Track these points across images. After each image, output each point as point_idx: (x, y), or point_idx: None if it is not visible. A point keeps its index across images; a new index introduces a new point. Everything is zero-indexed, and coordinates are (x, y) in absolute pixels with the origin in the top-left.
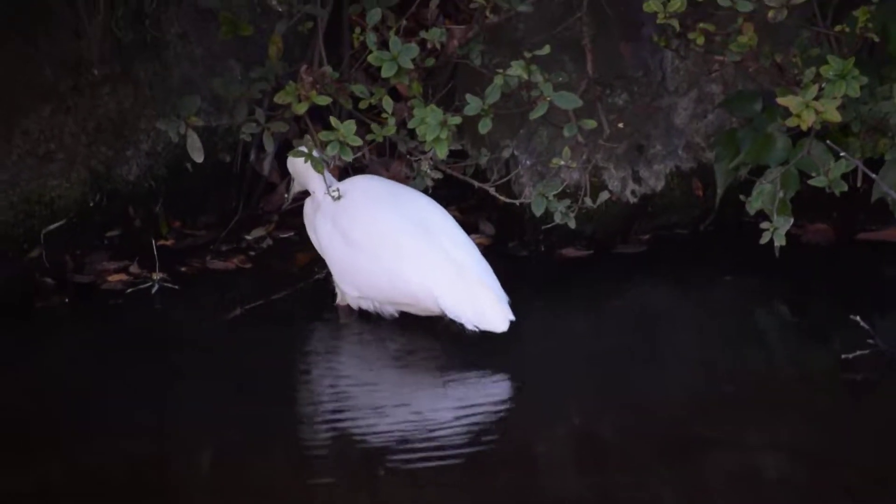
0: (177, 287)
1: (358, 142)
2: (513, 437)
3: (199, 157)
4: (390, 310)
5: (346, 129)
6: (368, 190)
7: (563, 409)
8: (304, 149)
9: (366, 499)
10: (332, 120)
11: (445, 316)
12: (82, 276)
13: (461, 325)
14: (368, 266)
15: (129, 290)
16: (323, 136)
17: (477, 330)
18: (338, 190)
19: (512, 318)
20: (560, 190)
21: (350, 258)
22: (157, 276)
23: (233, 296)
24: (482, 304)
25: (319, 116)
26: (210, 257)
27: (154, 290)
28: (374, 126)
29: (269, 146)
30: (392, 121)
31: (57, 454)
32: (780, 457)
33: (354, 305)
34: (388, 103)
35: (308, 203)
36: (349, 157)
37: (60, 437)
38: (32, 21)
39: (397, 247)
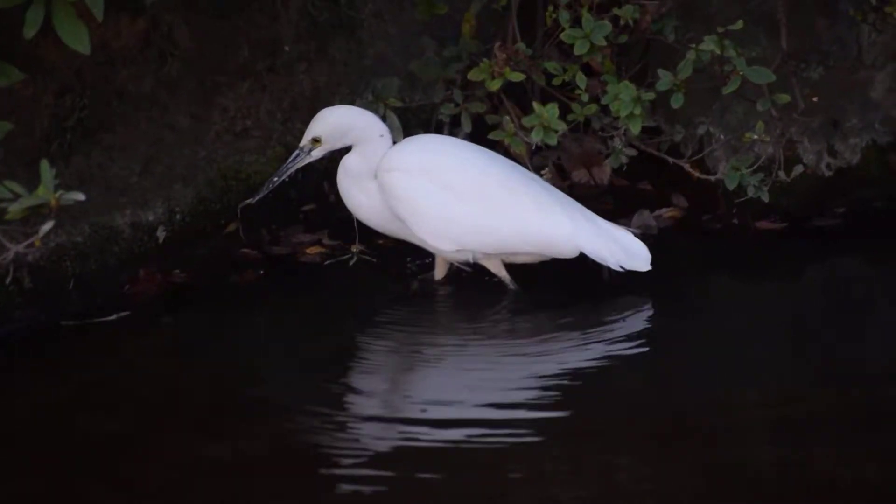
0: (374, 259)
1: (562, 126)
2: (708, 408)
3: (399, 137)
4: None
5: (550, 112)
6: (454, 146)
7: (758, 380)
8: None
9: (562, 460)
10: (535, 105)
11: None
12: (279, 248)
13: (604, 268)
14: (482, 219)
15: (326, 262)
16: (526, 121)
17: (622, 270)
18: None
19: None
20: (754, 164)
21: (455, 212)
22: (356, 248)
23: (425, 268)
24: (626, 244)
25: (511, 94)
26: None
27: (352, 262)
28: (574, 106)
29: (467, 126)
30: (585, 98)
31: (250, 424)
32: None
33: (448, 259)
34: (581, 79)
35: (352, 167)
36: (553, 142)
37: (256, 407)
38: (234, 6)
39: (523, 196)
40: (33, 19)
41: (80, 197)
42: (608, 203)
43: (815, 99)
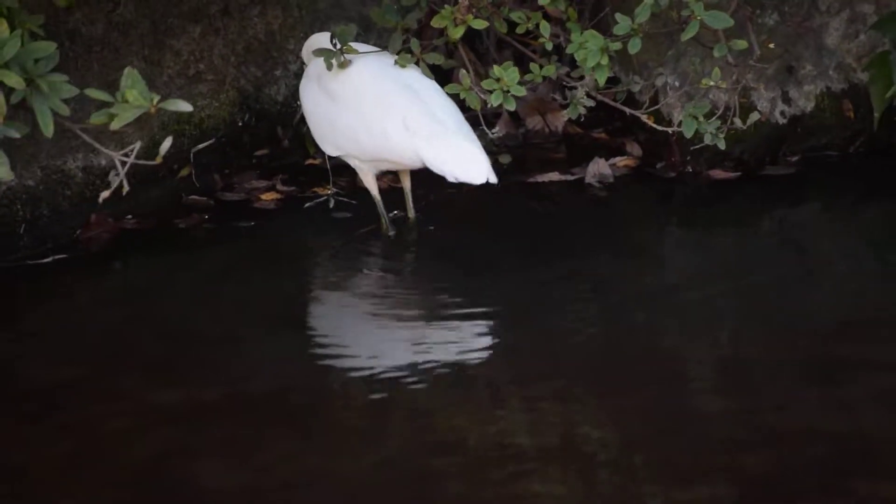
0: (353, 202)
1: (522, 91)
2: (655, 359)
3: None
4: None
5: (510, 76)
6: (362, 58)
7: (708, 330)
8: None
9: (519, 418)
10: (495, 68)
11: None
12: (232, 193)
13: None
14: (351, 123)
15: (306, 206)
16: (486, 84)
17: (457, 181)
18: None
19: (493, 178)
20: (709, 111)
21: (332, 116)
22: (330, 190)
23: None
24: (464, 156)
25: (466, 43)
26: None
27: (331, 205)
28: (533, 66)
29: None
30: (550, 47)
31: (202, 371)
32: None
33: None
34: (545, 27)
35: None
36: (512, 107)
37: (207, 353)
38: None
39: (380, 102)
40: None
41: (188, 107)
42: (561, 153)
43: (771, 45)
